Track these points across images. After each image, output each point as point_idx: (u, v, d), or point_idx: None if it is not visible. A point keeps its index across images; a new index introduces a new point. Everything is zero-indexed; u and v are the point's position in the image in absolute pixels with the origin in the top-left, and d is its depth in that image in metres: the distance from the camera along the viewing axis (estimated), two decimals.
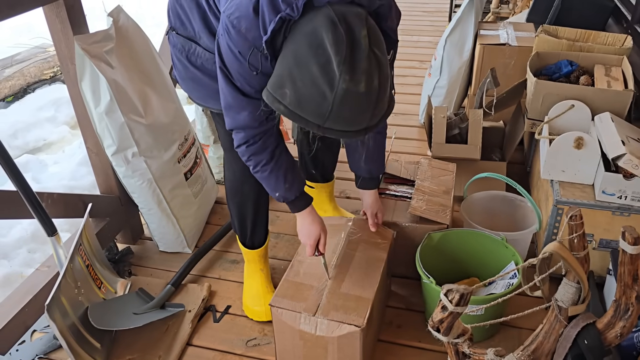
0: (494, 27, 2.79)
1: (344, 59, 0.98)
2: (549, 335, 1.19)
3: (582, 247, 1.17)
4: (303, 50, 1.02)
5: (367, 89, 1.01)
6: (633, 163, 1.60)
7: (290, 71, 1.04)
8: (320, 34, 1.00)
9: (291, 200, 1.47)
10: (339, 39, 0.99)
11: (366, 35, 1.00)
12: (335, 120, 1.03)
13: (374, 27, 1.05)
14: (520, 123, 2.26)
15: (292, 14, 1.05)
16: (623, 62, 2.10)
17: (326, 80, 0.99)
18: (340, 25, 1.00)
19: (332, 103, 1.00)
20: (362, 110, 1.03)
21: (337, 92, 0.99)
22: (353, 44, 0.99)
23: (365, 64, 1.00)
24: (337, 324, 1.41)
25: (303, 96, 1.03)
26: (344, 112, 1.02)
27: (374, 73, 1.01)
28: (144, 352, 1.67)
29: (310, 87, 1.01)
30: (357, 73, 0.99)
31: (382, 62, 1.03)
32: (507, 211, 2.03)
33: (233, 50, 1.19)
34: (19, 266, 2.42)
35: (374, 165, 1.64)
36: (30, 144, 3.80)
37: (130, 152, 1.87)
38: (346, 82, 0.99)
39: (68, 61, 1.75)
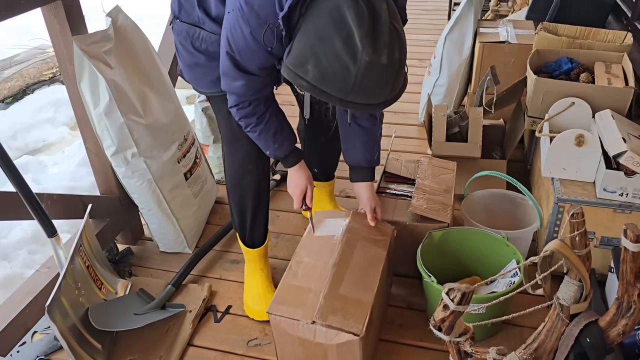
0: (493, 25, 2.79)
1: (366, 32, 1.01)
2: (551, 333, 1.19)
3: (583, 245, 1.17)
4: (325, 25, 1.04)
5: (389, 60, 1.04)
6: (634, 160, 1.60)
7: (312, 47, 1.06)
8: (342, 9, 1.02)
9: (281, 157, 1.55)
10: (360, 13, 1.01)
11: (386, 9, 1.03)
12: (358, 93, 1.06)
13: (391, 3, 1.08)
14: (520, 121, 2.26)
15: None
16: (623, 59, 2.10)
17: (349, 53, 1.02)
18: (361, 0, 1.02)
19: (356, 76, 1.03)
20: (384, 83, 1.06)
21: (360, 65, 1.02)
22: (375, 17, 1.02)
23: (387, 37, 1.03)
24: (335, 332, 1.38)
25: (326, 71, 1.05)
26: (367, 85, 1.05)
27: (395, 45, 1.04)
28: (145, 352, 1.67)
29: (333, 61, 1.04)
30: (380, 46, 1.02)
31: (401, 35, 1.07)
32: (508, 209, 2.02)
33: (243, 29, 1.21)
34: (20, 267, 2.42)
35: (369, 153, 1.63)
36: (30, 145, 3.80)
37: (129, 153, 1.86)
38: (369, 54, 1.02)
39: (67, 62, 1.75)
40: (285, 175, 2.54)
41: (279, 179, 2.52)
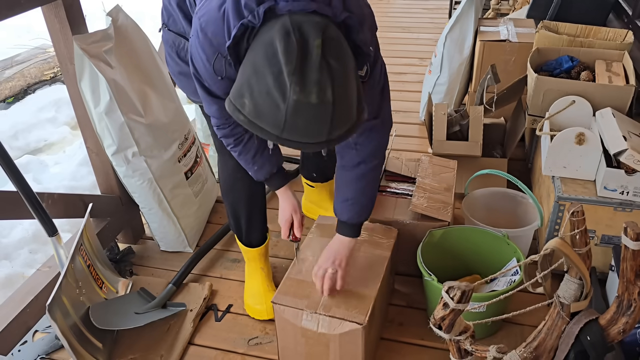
0: (494, 24, 2.79)
1: (294, 69, 0.95)
2: (551, 331, 1.19)
3: (584, 243, 1.17)
4: (260, 59, 0.99)
5: (320, 100, 0.95)
6: (635, 158, 1.60)
7: (248, 80, 1.01)
8: (274, 44, 0.97)
9: (262, 180, 1.51)
10: (290, 48, 0.95)
11: (320, 45, 0.95)
12: (291, 131, 0.99)
13: (333, 37, 1.00)
14: (521, 119, 2.26)
15: (254, 21, 1.03)
16: (624, 58, 2.10)
17: (279, 90, 0.96)
18: (293, 35, 0.96)
19: (286, 114, 0.96)
20: (317, 122, 0.98)
21: (289, 102, 0.96)
22: (304, 53, 0.95)
23: (316, 75, 0.95)
24: (338, 322, 1.41)
25: (260, 106, 0.99)
26: (298, 123, 0.98)
27: (326, 84, 0.95)
28: (145, 351, 1.67)
29: (266, 97, 0.98)
30: (308, 84, 0.95)
31: (338, 73, 0.97)
32: (508, 208, 2.02)
33: (200, 53, 1.18)
34: (21, 267, 2.43)
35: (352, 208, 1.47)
36: (31, 145, 3.80)
37: (130, 152, 1.86)
38: (296, 93, 0.95)
39: (67, 61, 1.75)
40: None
41: None
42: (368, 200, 1.48)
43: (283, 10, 1.01)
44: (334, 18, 1.05)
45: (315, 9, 1.02)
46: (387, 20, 4.97)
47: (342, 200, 1.47)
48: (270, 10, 1.02)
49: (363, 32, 1.11)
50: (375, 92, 1.31)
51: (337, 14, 1.05)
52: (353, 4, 1.11)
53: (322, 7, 1.03)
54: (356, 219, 1.49)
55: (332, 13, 1.04)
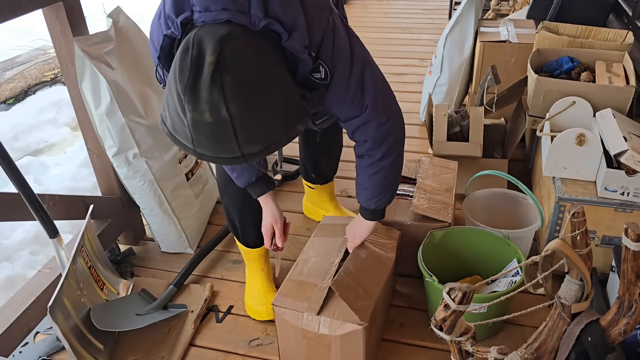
0: (494, 24, 2.79)
1: (185, 87, 0.92)
2: (552, 332, 1.19)
3: (584, 244, 1.17)
4: (170, 75, 0.97)
5: (215, 119, 0.92)
6: (635, 159, 1.60)
7: (165, 95, 1.00)
8: (177, 60, 0.96)
9: (242, 187, 1.52)
10: (184, 66, 0.93)
11: (213, 61, 0.91)
12: (201, 147, 0.97)
13: (236, 52, 0.94)
14: (521, 120, 2.26)
15: (175, 33, 1.03)
16: (624, 58, 2.10)
17: (180, 108, 0.94)
18: (191, 51, 0.93)
19: (189, 131, 0.95)
20: (221, 140, 0.95)
21: (187, 121, 0.93)
22: (197, 72, 0.92)
23: (206, 94, 0.91)
24: (339, 323, 1.41)
25: (174, 120, 0.98)
26: (203, 140, 0.95)
27: (219, 103, 0.91)
28: (147, 353, 1.67)
29: (175, 113, 0.96)
30: (200, 103, 0.91)
31: (234, 91, 0.92)
32: (509, 209, 2.02)
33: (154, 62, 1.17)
34: (22, 268, 2.43)
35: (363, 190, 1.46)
36: (32, 146, 3.80)
37: (131, 153, 1.87)
38: (190, 111, 0.92)
39: (68, 63, 1.75)
40: (286, 175, 2.55)
41: (280, 179, 2.53)
42: (378, 190, 1.44)
43: (198, 22, 1.00)
44: (251, 26, 1.01)
45: (229, 18, 0.99)
46: (387, 21, 4.98)
47: (357, 182, 1.48)
48: (187, 21, 1.01)
49: (293, 38, 1.06)
50: (350, 90, 1.24)
51: (256, 22, 1.02)
52: (281, 9, 1.04)
53: (236, 16, 0.99)
54: (368, 204, 1.48)
55: (249, 21, 1.01)
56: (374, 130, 1.32)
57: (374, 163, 1.38)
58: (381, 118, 1.30)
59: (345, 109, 1.28)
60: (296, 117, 1.04)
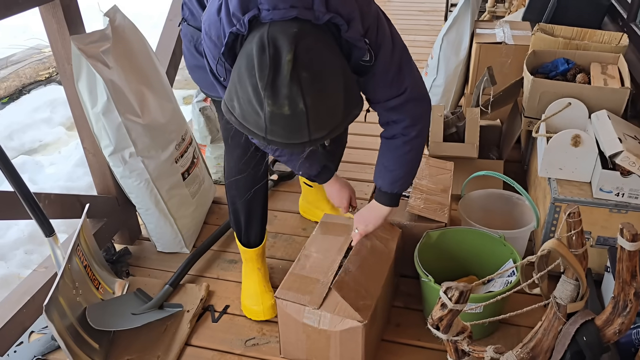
0: (490, 26, 2.80)
1: (265, 84, 1.00)
2: (547, 332, 1.20)
3: (580, 244, 1.18)
4: (242, 69, 1.05)
5: (292, 112, 1.02)
6: (630, 160, 1.61)
7: (235, 87, 1.07)
8: (252, 56, 1.03)
9: (314, 175, 1.61)
10: (263, 64, 1.01)
11: (291, 59, 1.00)
12: (273, 135, 1.06)
13: (308, 48, 1.03)
14: (517, 121, 2.27)
15: (241, 29, 1.08)
16: (619, 60, 2.11)
17: (257, 101, 1.03)
18: (267, 50, 1.01)
19: (265, 121, 1.04)
20: (295, 129, 1.05)
21: (265, 113, 1.03)
22: (275, 70, 1.00)
23: (286, 90, 1.00)
24: (340, 318, 1.42)
25: (245, 111, 1.07)
26: (278, 130, 1.05)
27: (297, 98, 1.01)
28: (142, 352, 1.67)
29: (248, 104, 1.05)
30: (279, 98, 1.01)
31: (310, 85, 1.01)
32: (504, 209, 2.03)
33: (209, 55, 1.25)
34: (16, 267, 2.42)
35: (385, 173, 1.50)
36: (26, 145, 3.79)
37: (127, 152, 1.86)
38: (270, 105, 1.01)
39: (64, 61, 1.74)
40: (282, 175, 2.55)
41: (277, 179, 2.53)
42: (406, 171, 1.49)
43: (266, 19, 1.05)
44: (316, 21, 1.08)
45: (296, 15, 1.05)
46: None
47: (382, 166, 1.51)
48: (254, 18, 1.06)
49: (352, 28, 1.14)
50: (389, 72, 1.32)
51: (320, 17, 1.08)
52: (339, 2, 1.12)
53: (302, 13, 1.05)
54: (391, 187, 1.50)
55: (313, 17, 1.07)
56: (412, 109, 1.40)
57: (408, 141, 1.44)
58: (419, 98, 1.40)
59: (385, 90, 1.36)
60: (354, 102, 1.14)
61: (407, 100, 1.37)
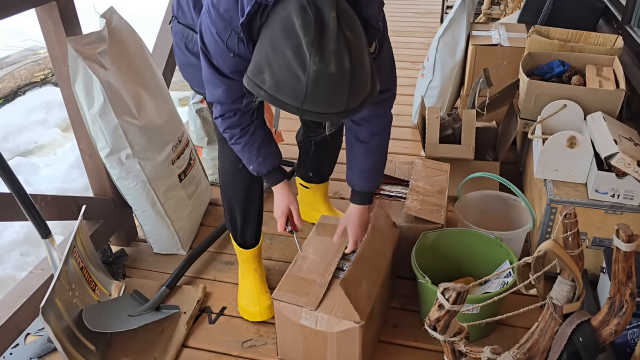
0: (486, 28, 2.81)
1: (312, 40, 1.00)
2: (544, 333, 1.20)
3: (576, 245, 1.18)
4: (277, 34, 1.04)
5: (338, 69, 1.02)
6: (625, 162, 1.62)
7: (267, 56, 1.06)
8: (291, 19, 1.02)
9: (264, 173, 1.54)
10: (307, 21, 1.01)
11: (335, 17, 1.01)
12: (312, 101, 1.05)
13: (345, 10, 1.06)
14: (513, 123, 2.28)
15: (268, 0, 1.08)
16: (614, 62, 2.12)
17: (299, 62, 1.01)
18: (309, 9, 1.01)
19: (306, 85, 1.02)
20: (337, 92, 1.04)
21: (309, 73, 1.01)
22: (322, 26, 1.01)
23: (334, 45, 1.01)
24: (336, 320, 1.42)
25: (280, 80, 1.05)
26: (319, 94, 1.04)
27: (343, 53, 1.01)
28: (139, 354, 1.67)
29: (286, 70, 1.03)
30: (326, 54, 1.00)
31: (353, 43, 1.04)
32: (501, 210, 2.04)
33: (212, 30, 1.23)
34: (12, 269, 2.41)
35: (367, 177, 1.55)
36: (22, 147, 3.77)
37: (124, 154, 1.86)
38: (316, 63, 1.00)
39: (61, 63, 1.74)
40: None
41: None
42: (382, 170, 1.58)
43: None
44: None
45: None
46: None
47: (358, 171, 1.54)
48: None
49: (372, 6, 1.17)
50: (386, 67, 1.38)
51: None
52: None
53: None
54: (369, 186, 1.56)
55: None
56: (389, 107, 1.48)
57: (386, 138, 1.52)
58: (395, 96, 1.48)
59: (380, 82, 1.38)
60: (375, 78, 1.14)
61: (391, 97, 1.46)
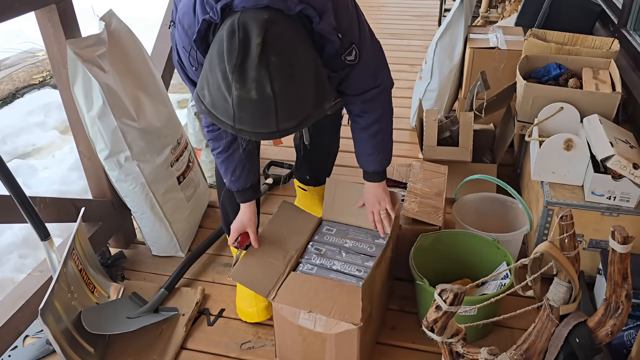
0: (483, 31, 2.82)
1: (233, 67, 1.01)
2: (541, 334, 1.21)
3: (572, 247, 1.19)
4: (213, 55, 1.06)
5: (259, 96, 1.02)
6: (621, 164, 1.63)
7: (206, 74, 1.08)
8: (222, 42, 1.04)
9: (234, 190, 1.61)
10: (232, 47, 1.02)
11: (260, 43, 1.01)
12: (242, 123, 1.06)
13: (277, 34, 1.04)
14: (510, 125, 2.29)
15: (214, 17, 1.10)
16: (610, 65, 2.13)
17: (225, 86, 1.03)
18: (237, 34, 1.02)
19: (233, 107, 1.04)
20: (263, 116, 1.05)
21: (233, 98, 1.03)
22: (244, 52, 1.01)
23: (254, 73, 1.00)
24: (335, 321, 1.42)
25: (215, 99, 1.07)
26: (246, 117, 1.05)
27: (264, 82, 1.01)
28: (137, 356, 1.67)
29: (217, 91, 1.05)
30: (247, 81, 1.01)
31: (278, 70, 1.02)
32: (498, 212, 2.05)
33: (179, 44, 1.27)
34: (10, 272, 2.41)
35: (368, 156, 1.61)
36: (20, 149, 3.78)
37: (122, 156, 1.86)
38: (237, 89, 1.02)
39: (60, 65, 1.75)
40: (277, 179, 2.55)
41: (271, 182, 2.53)
42: (388, 149, 1.62)
43: (238, 7, 1.07)
44: (288, 11, 1.09)
45: (268, 4, 1.07)
46: (377, 27, 4.97)
47: (364, 154, 1.61)
48: (227, 6, 1.09)
49: (324, 21, 1.16)
50: (370, 68, 1.39)
51: (292, 7, 1.10)
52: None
53: (274, 2, 1.08)
54: (380, 167, 1.63)
55: (285, 7, 1.09)
56: (386, 97, 1.51)
57: (387, 124, 1.56)
58: (389, 86, 1.52)
59: (364, 84, 1.43)
60: (325, 95, 1.14)
61: (382, 90, 1.48)
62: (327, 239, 1.72)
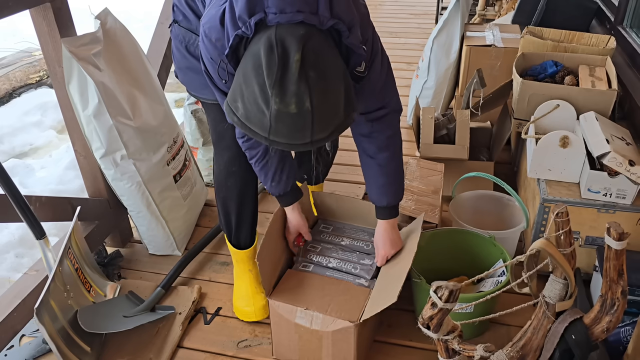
0: (480, 29, 2.82)
1: (273, 82, 1.03)
2: (537, 331, 1.21)
3: (568, 244, 1.19)
4: (248, 69, 1.08)
5: (298, 110, 1.05)
6: (617, 161, 1.63)
7: (240, 87, 1.10)
8: (260, 56, 1.06)
9: (276, 195, 1.62)
10: (271, 62, 1.04)
11: (299, 59, 1.04)
12: (276, 134, 1.09)
13: (314, 50, 1.07)
14: (507, 123, 2.29)
15: (247, 32, 1.11)
16: (607, 63, 2.14)
17: (263, 99, 1.05)
18: (276, 49, 1.04)
19: (270, 120, 1.06)
20: (299, 128, 1.07)
21: (271, 111, 1.05)
22: (284, 68, 1.04)
23: (294, 87, 1.03)
24: (331, 319, 1.43)
25: (249, 111, 1.09)
26: (282, 129, 1.07)
27: (304, 96, 1.04)
28: (134, 355, 1.67)
29: (254, 103, 1.07)
30: (287, 96, 1.04)
31: (316, 84, 1.06)
32: (495, 210, 2.05)
33: (208, 58, 1.27)
34: (6, 271, 2.40)
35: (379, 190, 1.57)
36: (17, 149, 3.77)
37: (118, 155, 1.86)
38: (277, 103, 1.04)
39: (55, 64, 1.74)
40: None
41: None
42: (401, 179, 1.59)
43: (272, 22, 1.08)
44: (321, 26, 1.11)
45: (302, 19, 1.08)
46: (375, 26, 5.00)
47: (377, 186, 1.56)
48: (261, 22, 1.09)
49: (353, 35, 1.18)
50: (377, 85, 1.39)
51: (324, 22, 1.11)
52: (342, 9, 1.16)
53: (308, 17, 1.09)
54: (395, 199, 1.59)
55: (318, 22, 1.11)
56: (393, 120, 1.49)
57: (396, 152, 1.53)
58: (398, 110, 1.50)
59: (372, 101, 1.43)
60: (353, 105, 1.17)
61: (390, 112, 1.47)
62: (323, 237, 1.72)
